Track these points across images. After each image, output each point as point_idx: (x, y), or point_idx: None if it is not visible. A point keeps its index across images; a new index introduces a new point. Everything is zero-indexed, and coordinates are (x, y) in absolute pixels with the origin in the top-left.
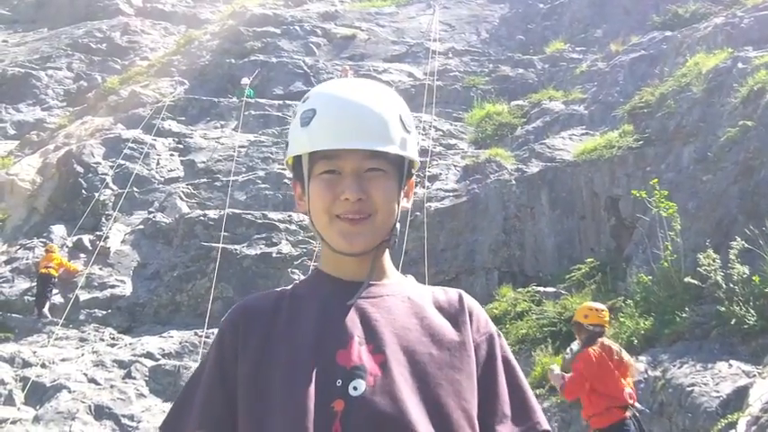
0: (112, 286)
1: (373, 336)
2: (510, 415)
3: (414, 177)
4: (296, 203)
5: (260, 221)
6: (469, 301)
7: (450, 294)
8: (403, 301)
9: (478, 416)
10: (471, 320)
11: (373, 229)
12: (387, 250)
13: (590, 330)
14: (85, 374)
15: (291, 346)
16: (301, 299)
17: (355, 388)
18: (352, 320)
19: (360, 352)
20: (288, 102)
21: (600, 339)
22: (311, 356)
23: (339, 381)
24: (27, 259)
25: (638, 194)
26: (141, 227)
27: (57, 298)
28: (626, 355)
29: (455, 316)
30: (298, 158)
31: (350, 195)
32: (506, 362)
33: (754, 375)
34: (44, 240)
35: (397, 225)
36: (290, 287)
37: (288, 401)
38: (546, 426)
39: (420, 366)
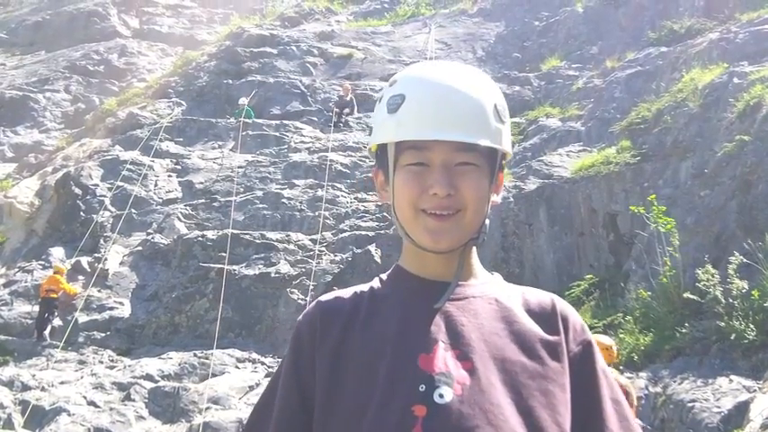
0: (111, 308)
1: (460, 341)
2: (615, 431)
3: (504, 170)
4: (378, 193)
5: (258, 242)
6: (563, 306)
7: (541, 297)
8: (490, 303)
9: (579, 430)
10: (567, 327)
11: (461, 226)
12: (474, 249)
13: None
14: (85, 397)
15: (369, 347)
16: (381, 298)
17: (441, 395)
18: (436, 324)
19: (445, 358)
20: (285, 121)
21: None
22: (390, 359)
23: (422, 386)
24: (26, 282)
25: (636, 210)
26: (140, 248)
27: (56, 321)
28: (634, 400)
29: (547, 321)
30: (382, 145)
31: (439, 190)
32: (605, 374)
33: (755, 390)
34: (43, 263)
35: (486, 222)
36: (368, 285)
37: (364, 402)
38: None
39: (512, 375)
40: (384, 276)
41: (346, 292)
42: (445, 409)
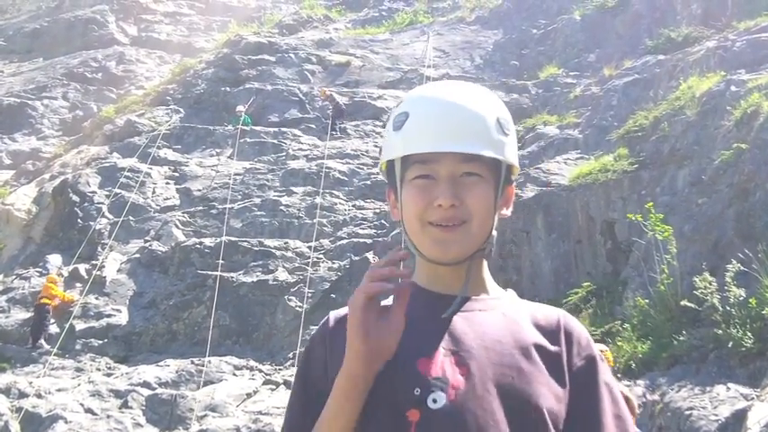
0: (108, 315)
1: (460, 348)
2: None
3: (513, 184)
4: (391, 212)
5: (256, 249)
6: (568, 321)
7: (548, 312)
8: (497, 317)
9: None
10: (570, 341)
11: (467, 236)
12: (485, 263)
13: None
14: (82, 404)
15: None
16: None
17: (435, 401)
18: (440, 332)
19: (443, 363)
20: (283, 129)
21: None
22: (391, 362)
23: (417, 389)
24: (23, 289)
25: (633, 218)
26: (137, 255)
27: (52, 328)
28: (635, 407)
29: (551, 335)
30: (391, 164)
31: (443, 201)
32: (609, 388)
33: (753, 398)
34: (40, 270)
35: (494, 233)
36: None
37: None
38: None
39: (507, 380)
40: None
41: None
42: (437, 413)
